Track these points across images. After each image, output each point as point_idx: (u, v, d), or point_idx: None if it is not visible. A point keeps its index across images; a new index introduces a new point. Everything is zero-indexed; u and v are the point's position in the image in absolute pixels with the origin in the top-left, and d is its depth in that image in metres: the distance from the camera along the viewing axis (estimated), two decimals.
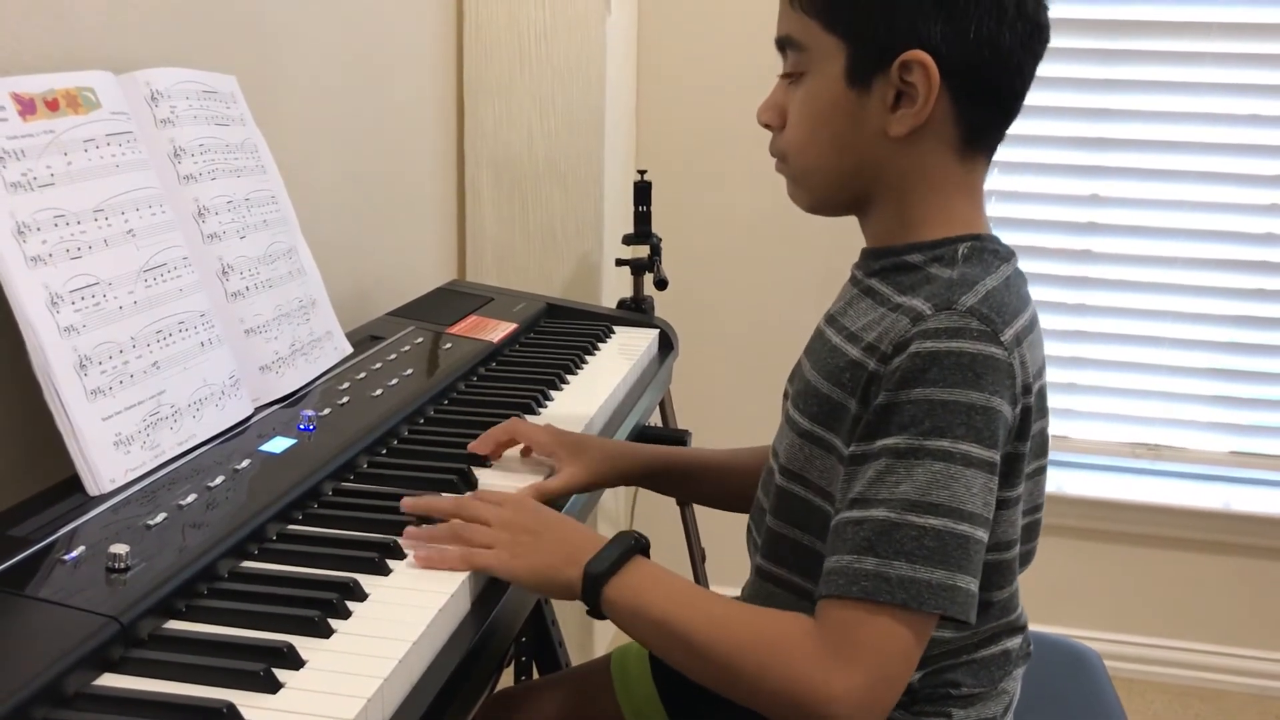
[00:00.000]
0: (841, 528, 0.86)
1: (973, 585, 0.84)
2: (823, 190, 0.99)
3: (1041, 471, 0.98)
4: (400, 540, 0.94)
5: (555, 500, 1.14)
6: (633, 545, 0.92)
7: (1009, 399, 0.86)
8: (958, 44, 0.89)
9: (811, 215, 1.03)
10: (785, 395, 1.05)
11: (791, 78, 0.97)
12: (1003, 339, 0.87)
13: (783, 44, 0.97)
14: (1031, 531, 1.01)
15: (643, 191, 1.97)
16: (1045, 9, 0.93)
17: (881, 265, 0.97)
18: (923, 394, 0.85)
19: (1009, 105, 0.95)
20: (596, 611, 0.91)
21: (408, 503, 0.99)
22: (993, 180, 2.48)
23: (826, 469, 0.95)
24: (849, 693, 0.81)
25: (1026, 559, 1.01)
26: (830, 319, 1.01)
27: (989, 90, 0.92)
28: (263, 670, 0.74)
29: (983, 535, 0.85)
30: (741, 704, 0.87)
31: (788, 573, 1.01)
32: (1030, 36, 0.92)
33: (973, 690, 0.98)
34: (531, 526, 0.95)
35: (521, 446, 1.17)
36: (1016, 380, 0.87)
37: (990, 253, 0.95)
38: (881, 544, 0.83)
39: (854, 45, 0.92)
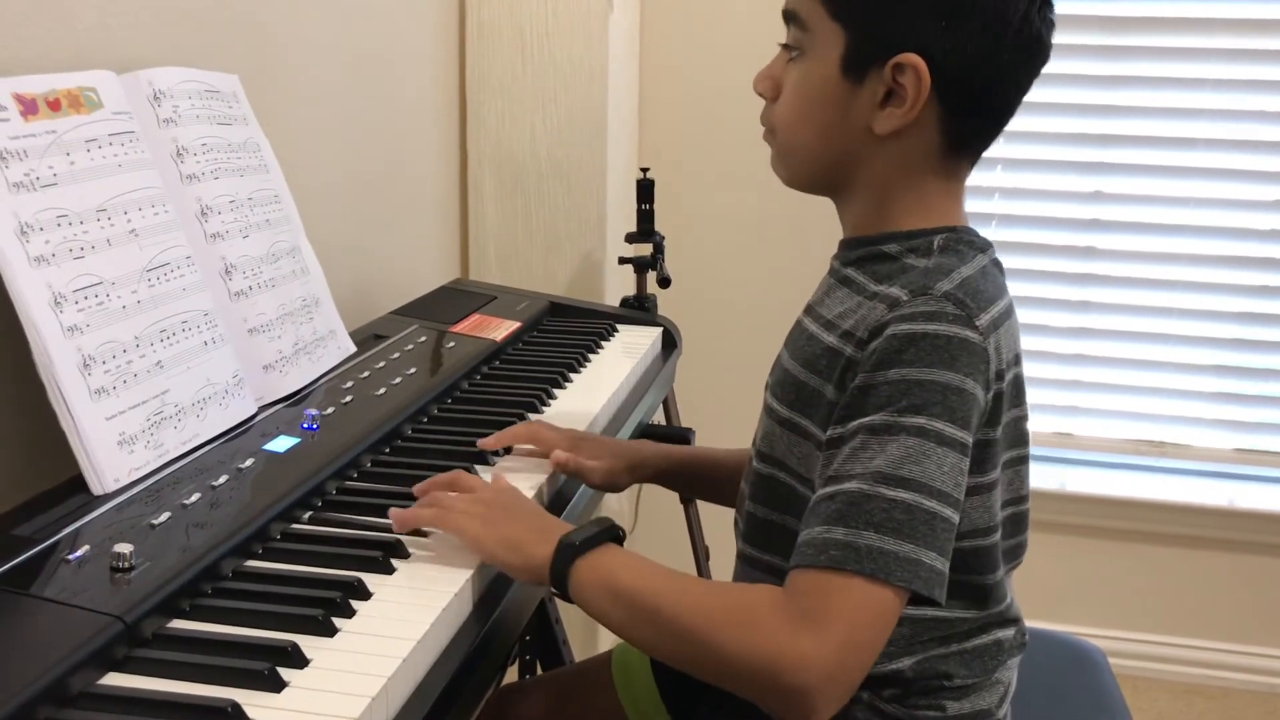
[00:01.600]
0: (815, 504, 0.87)
1: (938, 563, 0.84)
2: (802, 169, 1.01)
3: (1022, 461, 0.99)
4: (404, 540, 0.94)
5: (566, 495, 1.14)
6: (608, 530, 0.92)
7: (982, 383, 0.88)
8: (954, 54, 0.90)
9: (814, 212, 1.04)
10: (766, 386, 1.06)
11: (791, 52, 0.98)
12: (978, 324, 0.88)
13: (788, 16, 0.98)
14: (1019, 524, 1.01)
15: (646, 189, 1.96)
16: (1051, 27, 0.93)
17: (858, 255, 0.98)
18: (899, 374, 0.86)
19: (997, 118, 0.96)
20: (562, 589, 0.90)
21: (417, 490, 1.00)
22: (995, 177, 2.49)
23: (804, 455, 0.96)
24: (818, 656, 0.80)
25: (1016, 553, 1.01)
26: (808, 309, 1.03)
27: (979, 103, 0.93)
28: (267, 669, 0.74)
29: (951, 515, 0.85)
30: (712, 680, 0.87)
31: (773, 557, 1.02)
32: (1030, 54, 0.92)
33: (966, 681, 0.98)
34: (509, 504, 0.96)
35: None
36: (990, 365, 0.88)
37: (966, 244, 0.96)
38: (851, 514, 0.83)
39: (853, 36, 0.93)
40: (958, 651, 0.97)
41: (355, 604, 0.84)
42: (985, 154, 0.99)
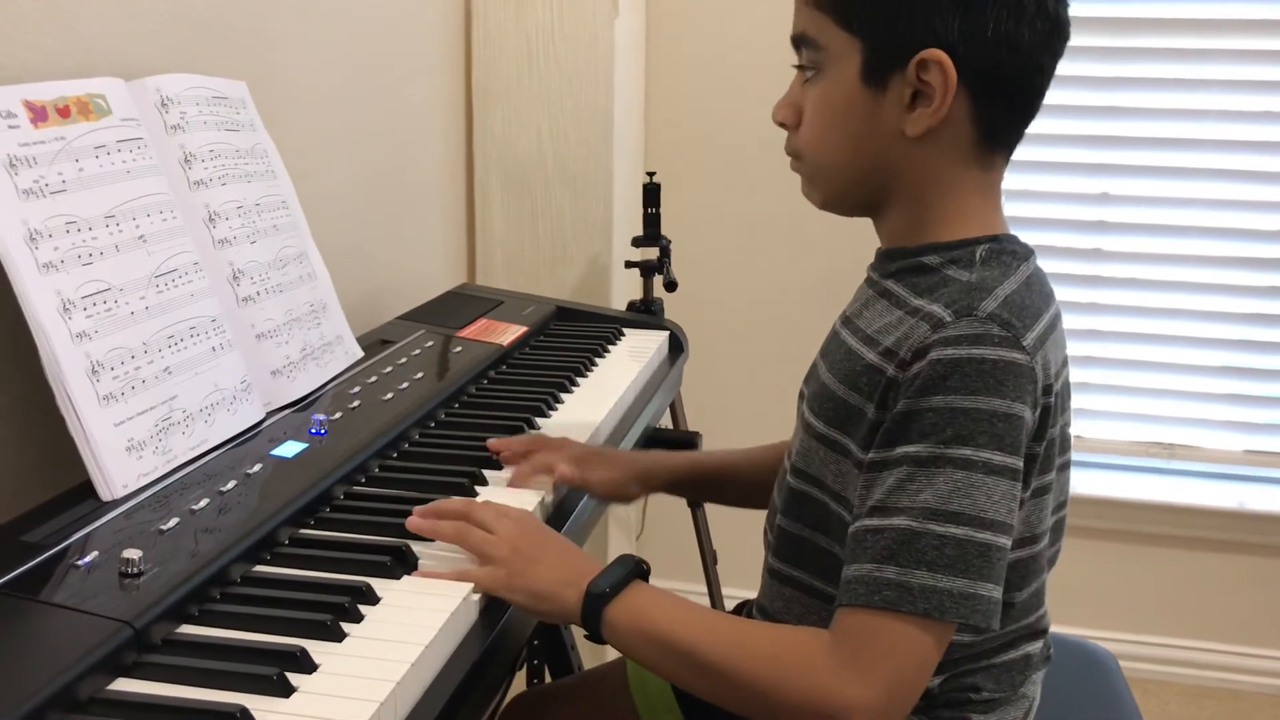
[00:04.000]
0: (861, 535, 0.85)
1: (994, 593, 0.83)
2: (837, 189, 0.98)
3: (1066, 467, 0.98)
4: (412, 545, 0.94)
5: (568, 506, 1.14)
6: (635, 568, 0.92)
7: (1030, 403, 0.86)
8: (976, 43, 0.88)
9: (821, 215, 1.03)
10: (800, 397, 1.05)
11: (807, 75, 0.96)
12: (1025, 343, 0.86)
13: (798, 41, 0.96)
14: (1058, 531, 1.00)
15: (652, 193, 1.97)
16: (1066, 6, 0.92)
17: (898, 266, 0.96)
18: (944, 401, 0.84)
19: (1028, 104, 0.94)
20: (596, 634, 0.90)
21: (416, 514, 0.97)
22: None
23: (842, 473, 0.95)
24: (866, 700, 0.80)
25: (1054, 559, 1.01)
26: (846, 321, 1.00)
27: (1008, 89, 0.91)
28: (275, 674, 0.74)
29: (1005, 542, 0.84)
30: (754, 719, 0.87)
31: (804, 574, 1.01)
32: (1050, 34, 0.91)
33: (993, 695, 0.97)
34: (532, 545, 0.94)
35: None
36: (1038, 384, 0.87)
37: (1008, 254, 0.94)
38: (903, 553, 0.82)
39: (870, 44, 0.91)
40: (987, 666, 0.97)
41: (363, 609, 0.84)
42: None
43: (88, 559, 0.83)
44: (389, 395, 1.23)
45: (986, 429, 0.83)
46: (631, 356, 1.58)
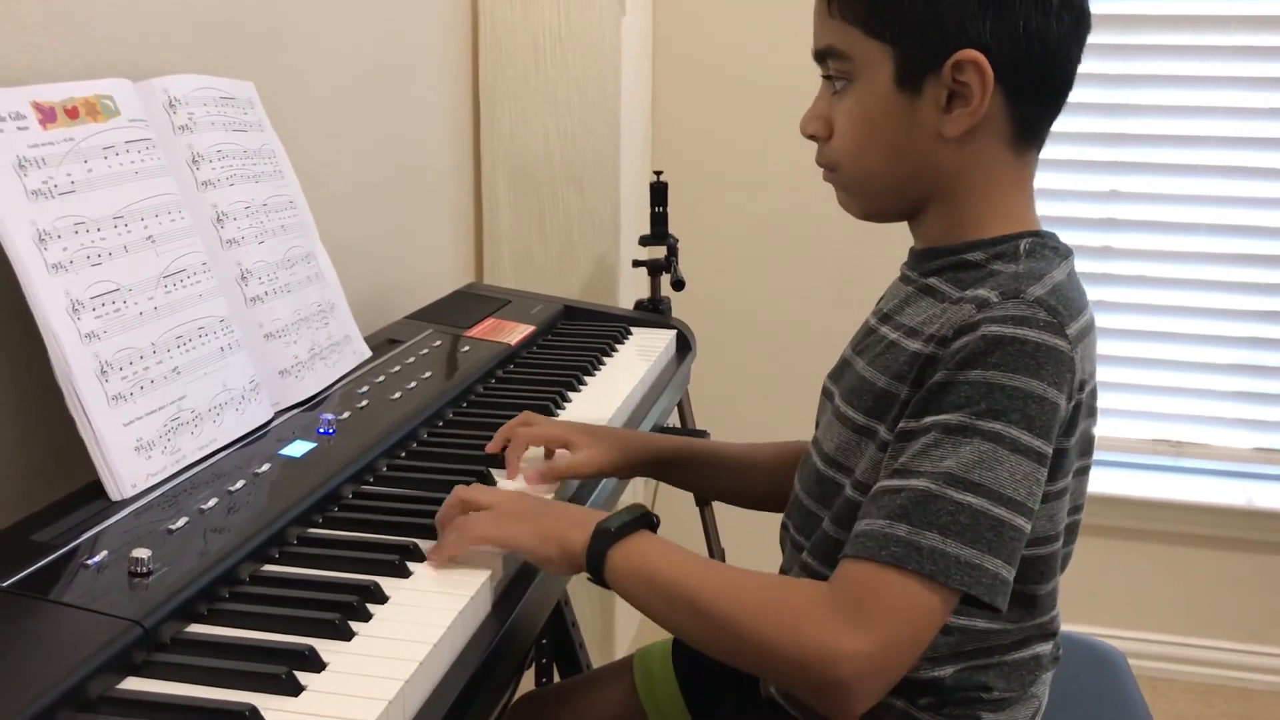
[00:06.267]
0: (878, 494, 0.86)
1: (1003, 570, 0.83)
2: (880, 197, 0.98)
3: (1086, 471, 0.98)
4: (420, 544, 0.94)
5: (579, 500, 1.13)
6: (642, 517, 0.92)
7: (1066, 393, 0.86)
8: (1008, 40, 0.89)
9: (828, 213, 1.03)
10: (828, 394, 1.04)
11: (835, 86, 0.96)
12: (1068, 332, 0.86)
13: (823, 54, 0.96)
14: (1072, 533, 1.00)
15: (659, 192, 1.97)
16: None
17: (939, 264, 0.97)
18: (981, 375, 0.84)
19: (1059, 95, 0.95)
20: (599, 575, 0.90)
21: (438, 520, 0.98)
22: None
23: (873, 463, 0.94)
24: (858, 653, 0.79)
25: (1064, 561, 1.01)
26: (885, 317, 1.00)
27: (1040, 82, 0.93)
28: (284, 673, 0.74)
29: (1022, 523, 0.84)
30: (750, 670, 0.86)
31: (822, 567, 1.00)
32: (1076, 25, 0.92)
33: (1004, 694, 0.97)
34: (534, 503, 0.95)
35: (542, 449, 1.16)
36: (1075, 375, 0.87)
37: (1051, 249, 0.95)
38: (917, 513, 0.82)
39: (902, 49, 0.91)
40: (998, 664, 0.96)
41: (372, 608, 0.85)
42: None
43: (97, 558, 0.83)
44: (397, 394, 1.23)
45: (1020, 408, 0.84)
46: (639, 355, 1.58)
